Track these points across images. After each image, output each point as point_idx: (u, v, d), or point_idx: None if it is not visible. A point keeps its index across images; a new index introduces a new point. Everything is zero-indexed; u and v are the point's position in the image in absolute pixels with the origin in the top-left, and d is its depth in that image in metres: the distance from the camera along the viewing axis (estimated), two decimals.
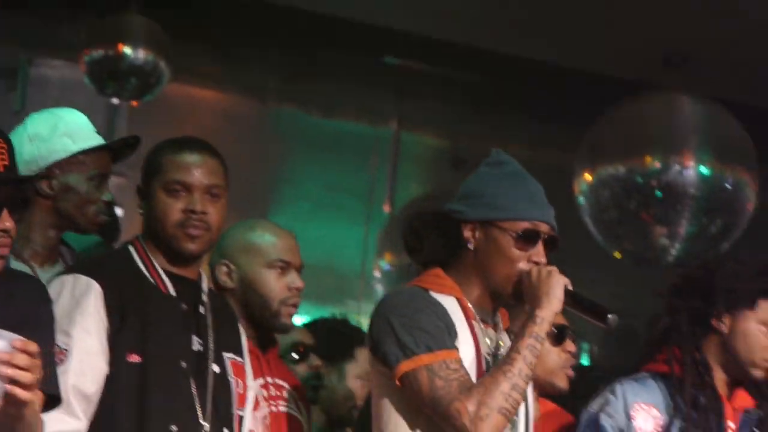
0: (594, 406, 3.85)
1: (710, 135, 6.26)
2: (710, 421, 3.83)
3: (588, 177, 6.23)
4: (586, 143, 6.41)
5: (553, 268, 3.33)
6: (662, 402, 3.84)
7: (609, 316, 3.37)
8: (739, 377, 3.89)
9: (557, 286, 3.29)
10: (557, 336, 4.12)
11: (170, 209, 3.38)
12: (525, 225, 3.35)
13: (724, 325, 3.87)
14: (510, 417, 3.18)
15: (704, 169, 6.12)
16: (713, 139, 6.25)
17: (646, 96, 6.47)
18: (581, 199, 6.20)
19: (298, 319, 4.98)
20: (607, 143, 6.38)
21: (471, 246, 3.36)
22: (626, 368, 4.03)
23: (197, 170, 3.40)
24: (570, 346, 4.15)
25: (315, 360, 4.52)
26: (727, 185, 6.11)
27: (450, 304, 3.31)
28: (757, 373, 3.87)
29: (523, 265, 3.34)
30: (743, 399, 3.90)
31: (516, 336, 3.27)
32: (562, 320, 4.04)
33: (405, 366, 3.19)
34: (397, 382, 3.21)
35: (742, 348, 3.86)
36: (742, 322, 3.87)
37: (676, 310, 3.91)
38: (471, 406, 3.14)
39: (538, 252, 3.34)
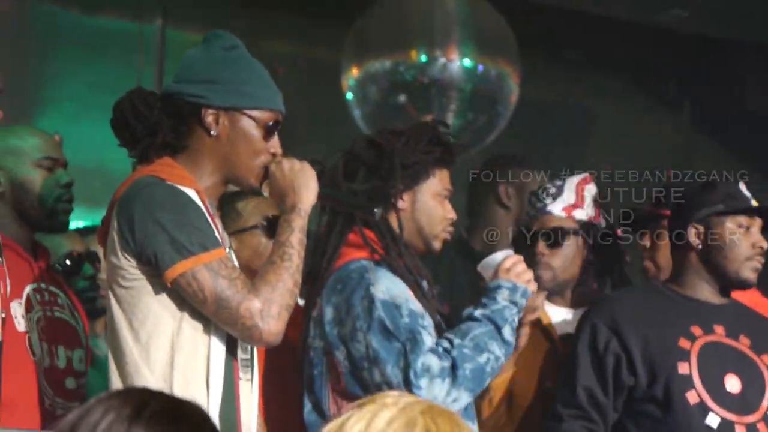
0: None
1: (472, 28, 6.35)
2: (432, 301, 3.76)
3: (355, 72, 6.26)
4: (352, 38, 6.43)
5: (304, 162, 3.30)
6: None
7: (375, 210, 3.45)
8: (419, 252, 3.85)
9: (312, 179, 3.28)
10: None
11: None
12: (271, 115, 3.29)
13: (406, 202, 3.82)
14: (290, 312, 3.16)
15: (468, 62, 6.22)
16: (476, 32, 6.35)
17: None
18: (349, 95, 6.24)
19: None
20: (372, 38, 6.42)
21: (214, 133, 3.26)
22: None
23: None
24: None
25: (90, 269, 4.43)
26: (490, 78, 6.23)
27: (193, 197, 3.20)
28: (437, 245, 3.86)
29: (264, 158, 3.29)
30: None
31: (282, 230, 3.22)
32: None
33: (182, 266, 3.10)
34: (169, 284, 3.11)
35: (425, 222, 3.82)
36: (420, 195, 3.83)
37: (353, 193, 3.75)
38: (261, 305, 3.12)
39: (276, 143, 3.30)
